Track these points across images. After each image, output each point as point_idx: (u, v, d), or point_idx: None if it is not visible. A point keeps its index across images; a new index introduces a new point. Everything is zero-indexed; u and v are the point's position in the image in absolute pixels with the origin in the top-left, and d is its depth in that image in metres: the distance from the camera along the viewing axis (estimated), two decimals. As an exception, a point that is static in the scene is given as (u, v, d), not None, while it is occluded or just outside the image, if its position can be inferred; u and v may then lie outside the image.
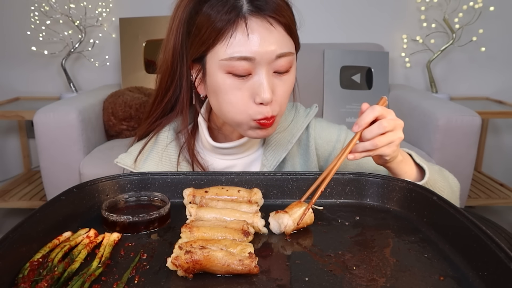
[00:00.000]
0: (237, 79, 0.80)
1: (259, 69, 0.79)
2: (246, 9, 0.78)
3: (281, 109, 0.84)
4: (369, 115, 0.74)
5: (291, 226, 0.66)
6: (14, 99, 2.59)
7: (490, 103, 2.51)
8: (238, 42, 0.77)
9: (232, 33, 0.78)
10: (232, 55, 0.78)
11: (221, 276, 0.55)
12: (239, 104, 0.82)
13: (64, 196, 0.70)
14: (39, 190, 2.35)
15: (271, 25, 0.78)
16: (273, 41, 0.78)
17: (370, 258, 0.59)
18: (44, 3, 2.50)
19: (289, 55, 0.81)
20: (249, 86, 0.80)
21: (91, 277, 0.54)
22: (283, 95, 0.83)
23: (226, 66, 0.79)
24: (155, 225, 0.69)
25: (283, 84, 0.82)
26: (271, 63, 0.79)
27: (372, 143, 0.74)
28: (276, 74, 0.81)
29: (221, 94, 0.83)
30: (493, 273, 0.52)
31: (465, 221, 0.60)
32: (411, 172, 0.84)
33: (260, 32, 0.77)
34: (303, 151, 0.99)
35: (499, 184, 2.45)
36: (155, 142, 0.97)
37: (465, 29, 2.48)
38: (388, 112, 0.76)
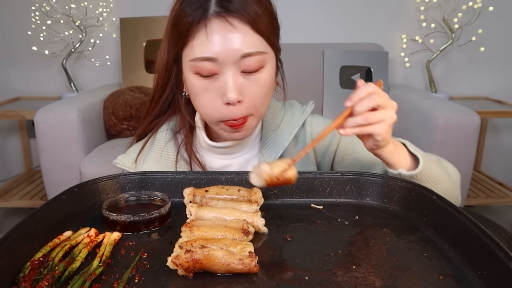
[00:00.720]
0: (204, 79, 0.81)
1: (224, 69, 0.79)
2: (212, 10, 0.78)
3: (256, 109, 0.84)
4: (363, 91, 0.73)
5: (267, 171, 0.67)
6: (15, 99, 2.59)
7: (489, 102, 2.51)
8: (200, 43, 0.79)
9: (195, 34, 0.79)
10: (195, 56, 0.79)
11: (221, 275, 0.55)
12: (209, 105, 0.83)
13: (65, 196, 0.71)
14: (39, 189, 2.36)
15: (233, 25, 0.78)
16: (237, 41, 0.78)
17: (370, 257, 0.59)
18: (45, 3, 2.51)
19: (258, 54, 0.80)
20: (216, 86, 0.81)
21: (91, 276, 0.54)
22: (256, 95, 0.83)
23: (193, 67, 0.81)
24: (156, 225, 0.69)
25: (253, 84, 0.82)
26: (237, 62, 0.79)
27: (363, 118, 0.72)
28: (244, 74, 0.81)
29: (193, 95, 0.85)
30: (492, 272, 0.53)
31: (465, 220, 0.60)
32: (405, 161, 0.82)
33: (220, 33, 0.78)
34: (300, 148, 0.98)
35: (498, 183, 2.45)
36: (153, 142, 0.97)
37: (464, 29, 2.48)
38: (381, 92, 0.74)
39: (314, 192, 0.79)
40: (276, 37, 0.87)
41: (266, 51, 0.82)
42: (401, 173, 0.81)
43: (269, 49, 0.83)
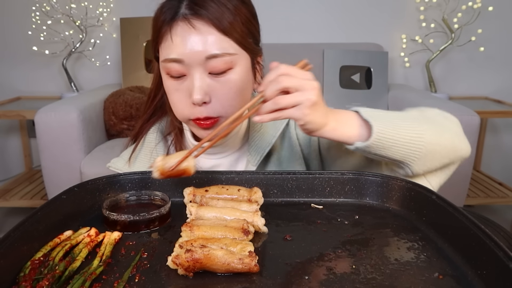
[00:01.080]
0: (175, 80, 0.84)
1: (191, 70, 0.81)
2: (181, 12, 0.80)
3: (226, 110, 0.84)
4: (272, 74, 0.69)
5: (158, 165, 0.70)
6: (15, 99, 2.59)
7: (489, 102, 2.52)
8: (167, 46, 0.82)
9: (164, 37, 0.82)
10: (164, 57, 0.82)
11: (221, 275, 0.55)
12: (179, 104, 0.85)
13: (65, 195, 0.71)
14: (40, 189, 2.36)
15: (194, 27, 0.79)
16: (200, 43, 0.79)
17: (370, 257, 0.59)
18: (45, 3, 2.51)
19: (224, 56, 0.81)
20: (185, 87, 0.83)
21: (92, 275, 0.54)
22: (224, 97, 0.83)
23: (164, 67, 0.84)
24: (156, 224, 0.69)
25: (221, 85, 0.83)
26: (203, 64, 0.80)
27: (273, 102, 0.68)
28: (213, 75, 0.82)
29: (167, 94, 0.88)
30: (492, 271, 0.53)
31: (464, 220, 0.60)
32: (358, 133, 0.75)
33: (183, 35, 0.80)
34: (287, 144, 0.98)
35: (498, 183, 2.46)
36: (143, 144, 1.00)
37: (464, 29, 2.48)
38: (297, 73, 0.69)
39: (314, 192, 0.79)
40: (252, 38, 0.86)
41: (235, 53, 0.82)
42: (357, 146, 0.75)
43: (240, 50, 0.83)
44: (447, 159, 0.81)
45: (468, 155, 0.85)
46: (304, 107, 0.68)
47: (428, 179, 0.83)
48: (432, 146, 0.77)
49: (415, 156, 0.77)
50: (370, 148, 0.74)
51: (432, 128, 0.78)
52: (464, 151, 0.83)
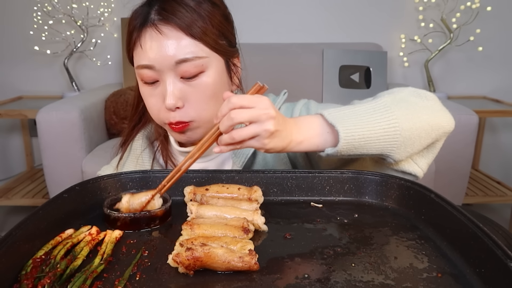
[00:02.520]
0: (149, 86, 0.85)
1: (163, 75, 0.82)
2: (150, 18, 0.81)
3: (199, 115, 0.84)
4: (224, 107, 0.67)
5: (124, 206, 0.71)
6: (17, 98, 2.60)
7: (487, 102, 2.52)
8: (138, 52, 0.83)
9: (135, 43, 0.83)
10: (137, 63, 0.83)
11: (221, 273, 0.56)
12: (154, 110, 0.86)
13: (67, 194, 0.71)
14: (41, 188, 2.36)
15: (161, 32, 0.80)
16: (169, 48, 0.80)
17: (369, 255, 0.60)
18: (47, 3, 2.51)
19: (194, 59, 0.81)
20: (159, 92, 0.84)
21: (93, 273, 0.54)
22: (197, 100, 0.83)
23: (138, 74, 0.85)
24: (156, 223, 0.69)
25: (194, 89, 0.83)
26: (174, 69, 0.81)
27: (229, 137, 0.67)
28: (184, 79, 0.82)
29: (144, 100, 0.89)
30: (490, 270, 0.53)
31: (463, 219, 0.60)
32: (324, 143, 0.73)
33: (151, 41, 0.81)
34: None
35: (496, 182, 2.46)
36: (130, 150, 1.01)
37: (462, 29, 2.49)
38: (252, 102, 0.66)
39: (313, 191, 0.79)
40: (225, 40, 0.86)
41: (206, 56, 0.82)
42: (328, 153, 0.73)
43: (211, 53, 0.83)
44: (429, 139, 0.78)
45: (453, 128, 0.81)
46: (263, 138, 0.67)
47: (415, 161, 0.81)
48: (409, 131, 0.73)
49: (392, 146, 0.73)
50: (342, 152, 0.72)
51: (406, 113, 0.74)
52: (446, 126, 0.80)
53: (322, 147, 0.73)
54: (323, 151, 0.73)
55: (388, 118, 0.72)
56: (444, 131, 0.80)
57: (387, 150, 0.74)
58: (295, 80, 2.38)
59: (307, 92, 2.39)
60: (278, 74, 2.31)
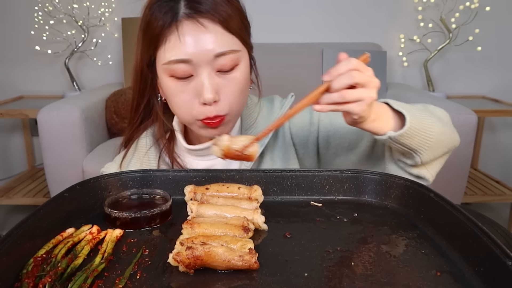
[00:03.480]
0: (180, 81, 0.82)
1: (199, 70, 0.80)
2: (182, 12, 0.79)
3: (231, 108, 0.84)
4: (343, 66, 0.69)
5: (225, 141, 0.68)
6: (18, 98, 2.60)
7: (486, 101, 2.52)
8: (173, 46, 0.79)
9: (167, 37, 0.80)
10: (169, 59, 0.80)
11: (221, 272, 0.56)
12: (185, 106, 0.83)
13: (68, 193, 0.71)
14: (42, 187, 2.37)
15: (204, 25, 0.78)
16: (209, 41, 0.78)
17: (368, 254, 0.60)
18: (48, 3, 2.52)
19: (231, 53, 0.80)
20: (192, 87, 0.82)
21: (94, 272, 0.55)
22: (231, 94, 0.83)
23: (168, 70, 0.81)
24: (157, 222, 0.69)
25: (229, 83, 0.82)
26: (211, 62, 0.80)
27: (340, 95, 0.68)
28: (220, 73, 0.82)
29: (170, 97, 0.85)
30: (489, 268, 0.53)
31: (462, 218, 0.61)
32: (390, 124, 0.79)
33: (192, 34, 0.78)
34: (281, 143, 0.98)
35: (495, 181, 2.47)
36: (135, 148, 0.99)
37: (461, 29, 2.49)
38: (365, 69, 0.71)
39: (313, 190, 0.79)
40: (248, 34, 0.87)
41: (239, 49, 0.82)
42: (390, 135, 0.77)
43: (242, 47, 0.84)
44: (446, 149, 0.86)
45: (458, 144, 0.90)
46: (365, 104, 0.70)
47: (428, 169, 0.86)
48: (439, 136, 0.81)
49: (427, 145, 0.80)
50: (400, 137, 0.77)
51: (437, 120, 0.83)
52: (457, 141, 0.89)
53: (385, 130, 0.78)
54: (382, 135, 0.78)
55: (428, 119, 0.80)
56: (454, 144, 0.88)
57: (423, 147, 0.80)
58: (295, 79, 2.39)
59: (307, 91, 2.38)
60: (278, 74, 2.31)
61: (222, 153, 0.70)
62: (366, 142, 0.94)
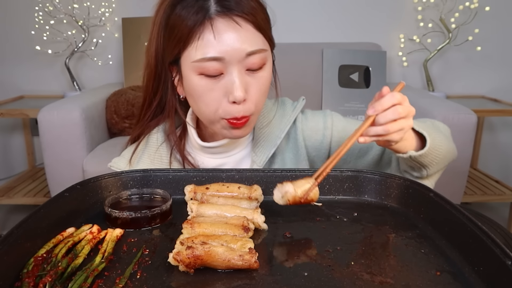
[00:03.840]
0: (210, 79, 0.81)
1: (230, 68, 0.79)
2: (214, 9, 0.78)
3: (256, 108, 0.84)
4: (388, 102, 0.73)
5: (292, 193, 0.67)
6: (18, 98, 2.60)
7: (485, 101, 2.52)
8: (206, 43, 0.78)
9: (200, 35, 0.79)
10: (201, 56, 0.79)
11: (221, 271, 0.56)
12: (213, 104, 0.82)
13: (68, 193, 0.71)
14: (43, 186, 2.37)
15: (238, 23, 0.78)
16: (242, 40, 0.78)
17: (368, 253, 0.60)
18: (48, 3, 2.52)
19: (261, 52, 0.80)
20: (221, 85, 0.81)
21: (94, 272, 0.55)
22: (258, 93, 0.83)
23: (198, 67, 0.80)
24: (157, 221, 0.69)
25: (257, 82, 0.82)
26: (242, 61, 0.79)
27: (384, 129, 0.73)
28: (249, 72, 0.81)
29: (196, 96, 0.84)
30: (488, 268, 0.53)
31: (461, 217, 0.61)
32: (411, 146, 0.83)
33: (226, 32, 0.78)
34: (292, 145, 0.98)
35: (495, 181, 2.47)
36: (146, 144, 0.97)
37: (461, 28, 2.49)
38: (404, 99, 0.75)
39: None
40: (271, 32, 0.87)
41: (267, 48, 0.83)
42: (411, 155, 0.82)
43: (268, 45, 0.84)
44: (448, 162, 0.92)
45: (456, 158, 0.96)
46: (403, 132, 0.75)
47: (430, 180, 0.91)
48: (445, 153, 0.87)
49: (435, 161, 0.86)
50: (419, 157, 0.82)
51: (444, 138, 0.89)
52: (456, 155, 0.95)
53: (407, 149, 0.82)
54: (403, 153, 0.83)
55: (437, 137, 0.86)
56: (454, 158, 0.94)
57: (432, 163, 0.86)
58: (295, 79, 2.38)
59: (307, 91, 2.40)
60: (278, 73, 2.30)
61: (287, 202, 0.69)
62: (375, 151, 0.96)
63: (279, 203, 0.70)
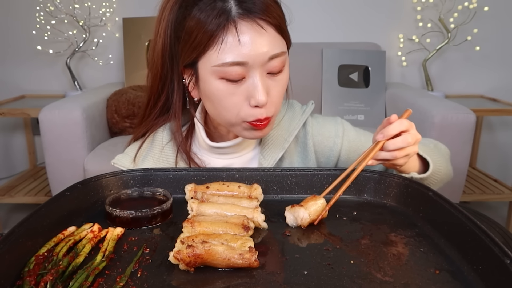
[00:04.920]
0: (231, 84, 0.79)
1: (252, 72, 0.78)
2: (235, 12, 0.76)
3: (276, 109, 0.83)
4: (396, 128, 0.76)
5: (307, 219, 0.68)
6: (20, 97, 2.61)
7: (484, 101, 2.53)
8: (230, 47, 0.76)
9: (223, 38, 0.76)
10: (224, 61, 0.76)
11: (222, 270, 0.56)
12: (234, 108, 0.81)
13: (69, 192, 0.72)
14: (44, 185, 2.37)
15: (262, 27, 0.76)
16: (265, 43, 0.76)
17: (367, 252, 0.60)
18: (49, 3, 2.52)
19: (282, 55, 0.79)
20: (243, 89, 0.79)
21: (95, 270, 0.55)
22: (278, 95, 0.82)
23: (219, 72, 0.78)
24: (158, 220, 0.70)
25: (277, 84, 0.81)
26: (264, 65, 0.78)
27: (392, 155, 0.77)
28: (269, 75, 0.80)
29: (216, 100, 0.82)
30: (487, 266, 0.53)
31: (460, 216, 0.61)
32: (414, 168, 0.86)
33: (251, 35, 0.76)
34: (301, 149, 0.97)
35: (493, 180, 2.47)
36: (152, 142, 0.96)
37: (460, 28, 2.49)
38: (411, 126, 0.78)
39: (312, 189, 0.79)
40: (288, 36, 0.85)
41: (286, 51, 0.82)
42: (413, 176, 0.84)
43: (286, 48, 0.83)
44: (443, 184, 0.94)
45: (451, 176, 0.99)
46: (409, 158, 0.79)
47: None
48: (442, 175, 0.90)
49: (433, 183, 0.89)
50: (421, 180, 0.85)
51: (444, 160, 0.92)
52: (451, 176, 0.98)
53: (410, 171, 0.85)
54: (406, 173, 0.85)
55: (438, 161, 0.89)
56: (449, 180, 0.97)
57: (431, 184, 0.88)
58: (295, 79, 2.37)
59: (307, 91, 2.40)
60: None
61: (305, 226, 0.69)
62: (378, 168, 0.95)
63: (293, 226, 0.70)
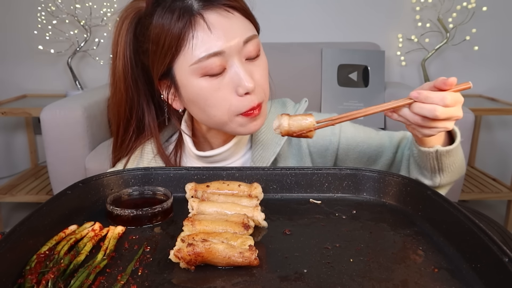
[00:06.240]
0: (214, 78, 0.78)
1: (231, 61, 0.77)
2: (197, 5, 0.75)
3: (265, 93, 0.82)
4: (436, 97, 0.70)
5: (284, 127, 0.69)
6: (21, 97, 2.61)
7: (483, 100, 2.53)
8: (202, 40, 0.75)
9: (193, 34, 0.75)
10: (200, 56, 0.75)
11: (222, 268, 0.56)
12: (223, 104, 0.79)
13: (70, 191, 0.72)
14: (45, 184, 2.38)
15: (228, 11, 0.75)
16: (236, 27, 0.76)
17: (367, 250, 0.60)
18: (51, 3, 2.52)
19: (255, 37, 0.79)
20: (227, 81, 0.78)
21: (96, 269, 0.55)
22: (262, 78, 0.81)
23: (198, 69, 0.76)
24: (158, 219, 0.70)
25: (258, 68, 0.80)
26: (241, 51, 0.77)
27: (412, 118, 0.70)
28: (248, 61, 0.79)
29: (202, 100, 0.80)
30: (486, 265, 0.53)
31: (459, 215, 0.61)
32: (438, 141, 0.81)
33: (220, 22, 0.75)
34: (295, 151, 0.96)
35: (492, 178, 2.48)
36: (141, 156, 0.94)
37: (458, 28, 2.50)
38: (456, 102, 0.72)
39: (312, 187, 0.80)
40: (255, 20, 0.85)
41: (257, 34, 0.81)
42: (438, 149, 0.80)
43: (256, 31, 0.82)
44: (459, 175, 0.89)
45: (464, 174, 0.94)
46: (435, 131, 0.72)
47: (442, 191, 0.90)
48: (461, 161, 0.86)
49: (453, 166, 0.84)
50: (446, 153, 0.80)
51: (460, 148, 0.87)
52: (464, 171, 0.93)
53: (432, 143, 0.80)
54: (430, 147, 0.80)
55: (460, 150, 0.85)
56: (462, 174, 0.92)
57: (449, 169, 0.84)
58: (294, 79, 2.39)
59: (306, 91, 2.40)
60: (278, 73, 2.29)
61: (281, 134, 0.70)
62: (385, 160, 0.94)
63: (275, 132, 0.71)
